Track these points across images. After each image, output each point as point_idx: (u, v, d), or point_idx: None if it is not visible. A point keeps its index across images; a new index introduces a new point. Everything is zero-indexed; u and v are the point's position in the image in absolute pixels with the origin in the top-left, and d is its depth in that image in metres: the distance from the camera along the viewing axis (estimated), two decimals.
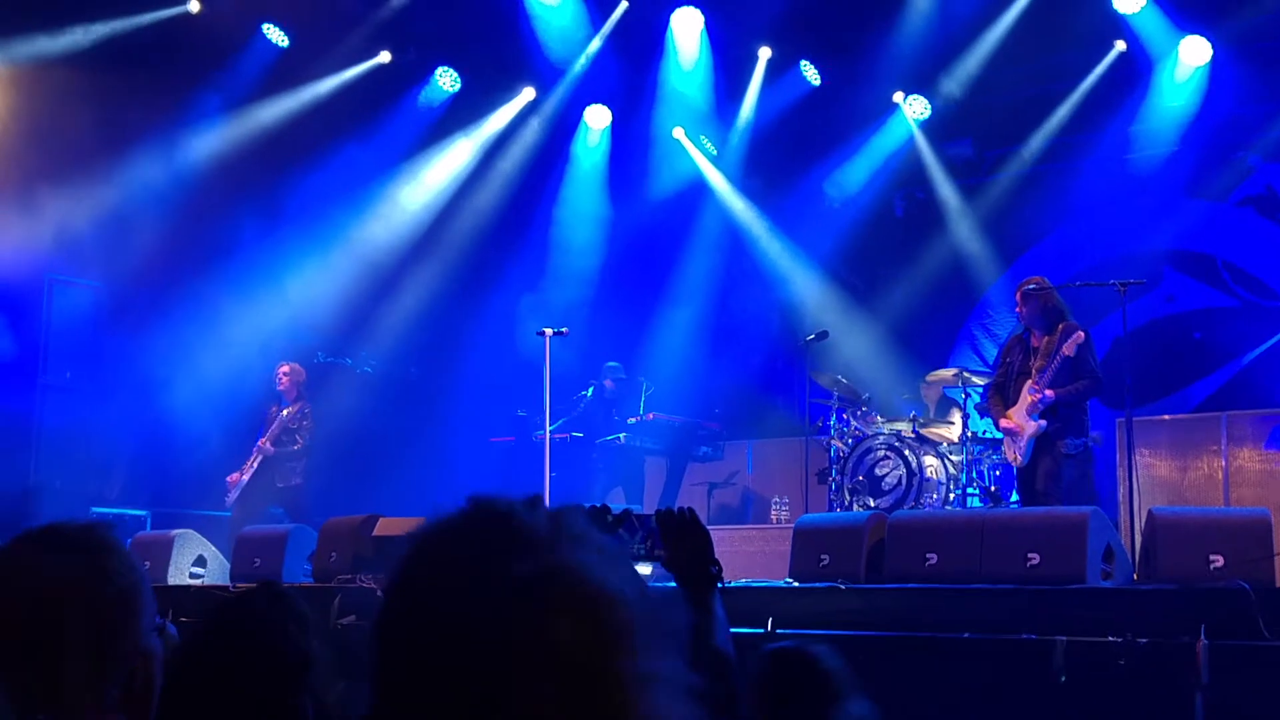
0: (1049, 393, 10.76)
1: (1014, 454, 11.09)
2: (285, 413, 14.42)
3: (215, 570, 12.46)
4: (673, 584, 3.58)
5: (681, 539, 3.59)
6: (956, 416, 13.63)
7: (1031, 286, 11.21)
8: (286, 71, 16.26)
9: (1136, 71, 15.67)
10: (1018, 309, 11.33)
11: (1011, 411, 11.07)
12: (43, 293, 14.97)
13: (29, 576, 2.27)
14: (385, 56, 16.74)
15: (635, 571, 1.55)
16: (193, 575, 12.24)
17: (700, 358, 17.43)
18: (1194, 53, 15.11)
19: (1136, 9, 14.96)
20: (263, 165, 16.15)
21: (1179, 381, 15.54)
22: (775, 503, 14.44)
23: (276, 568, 11.49)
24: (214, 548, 12.65)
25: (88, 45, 14.69)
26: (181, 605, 9.80)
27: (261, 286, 15.91)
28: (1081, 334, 10.81)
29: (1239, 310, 15.61)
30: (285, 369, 14.67)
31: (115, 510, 14.33)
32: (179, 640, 3.07)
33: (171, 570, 12.00)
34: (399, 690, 1.49)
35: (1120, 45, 15.59)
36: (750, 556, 11.79)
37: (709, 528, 3.89)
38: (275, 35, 16.05)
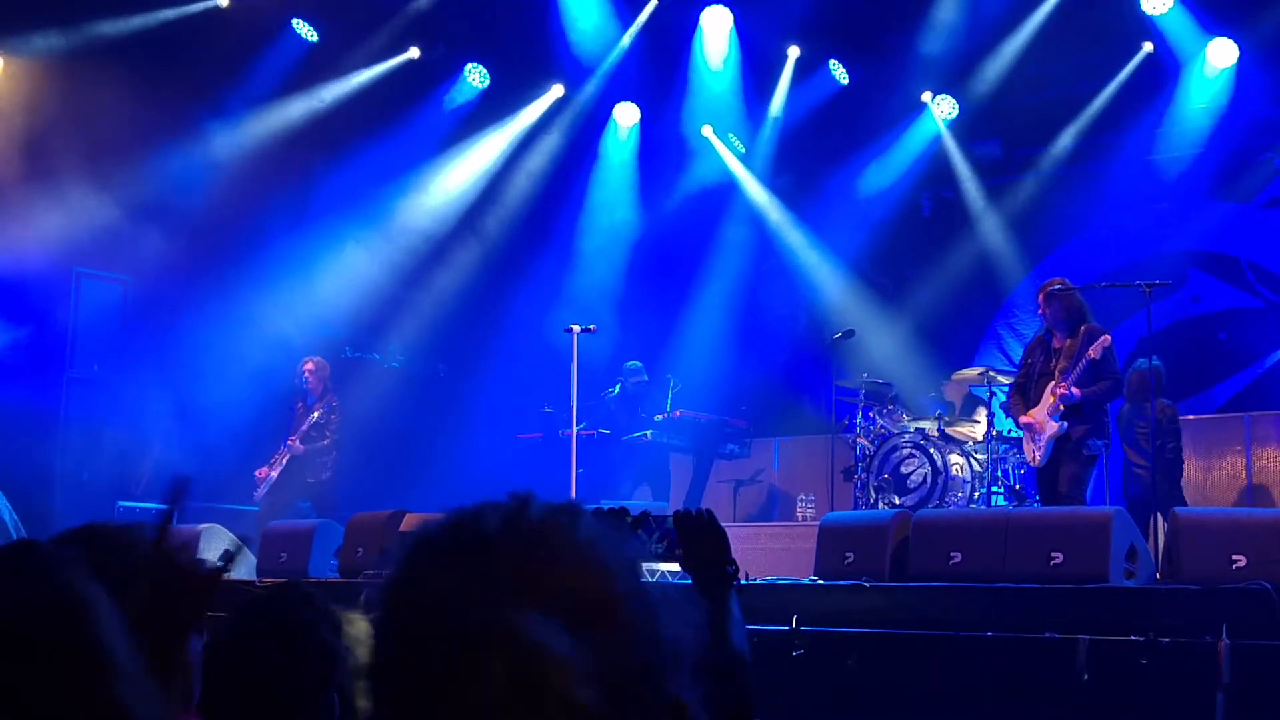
0: (1075, 390, 10.76)
1: (1033, 453, 11.11)
2: (314, 410, 14.43)
3: (241, 564, 12.48)
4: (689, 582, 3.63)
5: (698, 539, 3.64)
6: (982, 415, 13.65)
7: (1055, 288, 11.21)
8: (315, 67, 16.31)
9: (1163, 73, 15.67)
10: (1040, 310, 11.33)
11: (1033, 411, 11.09)
12: (70, 286, 15.03)
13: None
14: (414, 53, 16.79)
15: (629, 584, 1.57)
16: None
17: (727, 355, 17.46)
18: (1221, 54, 15.11)
19: (1164, 10, 14.96)
20: (291, 160, 16.23)
21: (1203, 382, 15.53)
22: (801, 500, 14.48)
23: (303, 563, 11.51)
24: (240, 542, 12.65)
25: (118, 38, 14.73)
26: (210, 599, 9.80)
27: (289, 281, 15.95)
28: (1107, 337, 10.82)
29: (1264, 311, 15.61)
30: (310, 364, 14.69)
31: (141, 504, 14.35)
32: (206, 636, 3.11)
33: None
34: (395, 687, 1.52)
35: (1148, 46, 15.59)
36: (776, 554, 11.82)
37: (735, 525, 3.95)
38: (305, 30, 16.11)
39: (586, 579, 1.52)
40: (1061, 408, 10.83)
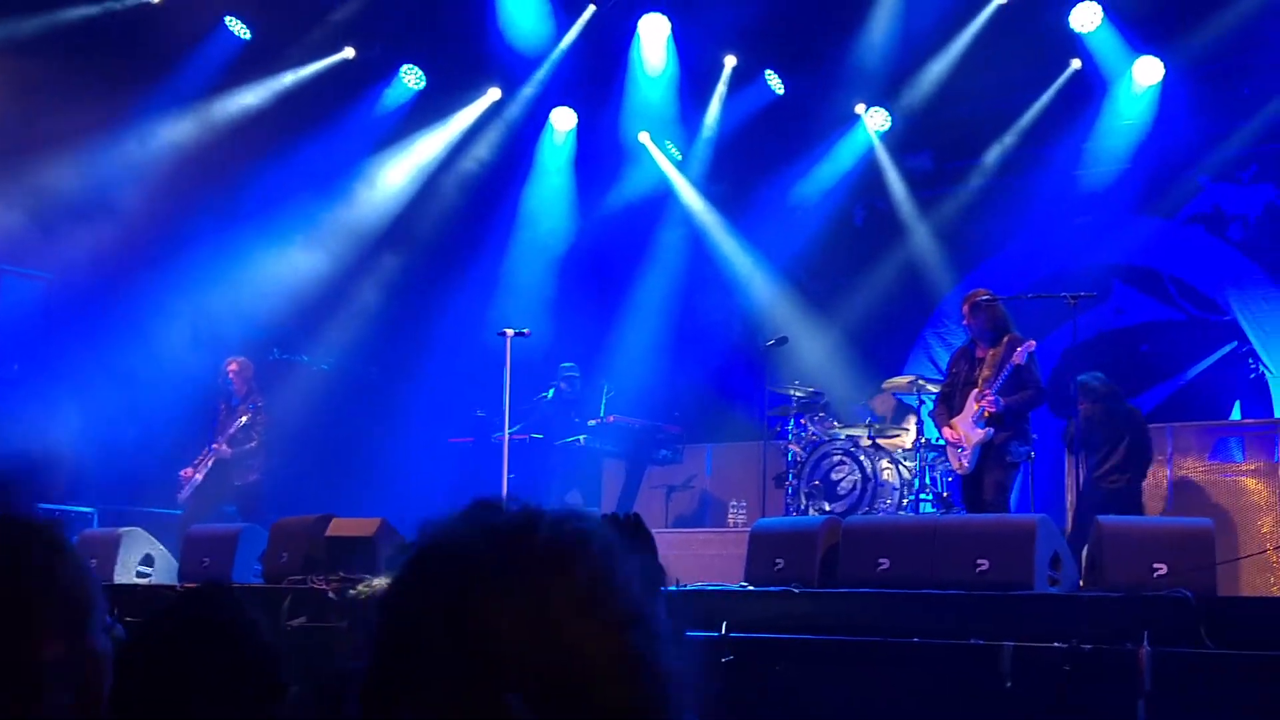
0: (999, 399, 10.90)
1: (959, 462, 11.26)
2: (241, 412, 14.28)
3: (163, 569, 12.31)
4: None
5: (627, 545, 3.65)
6: (911, 423, 13.79)
7: (981, 298, 11.36)
8: (248, 65, 16.20)
9: (1091, 89, 15.89)
10: (964, 320, 11.48)
11: (956, 421, 11.24)
12: None
13: None
14: (349, 52, 16.73)
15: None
16: (140, 574, 12.08)
17: (661, 361, 17.50)
18: (1147, 72, 15.34)
19: (1092, 28, 15.17)
20: (222, 159, 16.07)
21: (1126, 393, 15.68)
22: (733, 506, 14.54)
23: (226, 567, 11.27)
24: (162, 546, 12.51)
25: (46, 33, 14.58)
26: (129, 604, 9.66)
27: (217, 281, 15.80)
28: (1031, 343, 10.99)
29: (1185, 324, 15.84)
30: (234, 364, 14.50)
31: (61, 507, 14.12)
32: (126, 640, 3.06)
33: (118, 568, 11.78)
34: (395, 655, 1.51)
35: (1076, 63, 15.83)
36: (707, 560, 11.88)
37: (667, 531, 3.98)
38: (237, 28, 16.01)
39: (584, 645, 1.47)
40: (987, 414, 10.96)
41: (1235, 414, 14.98)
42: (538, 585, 1.47)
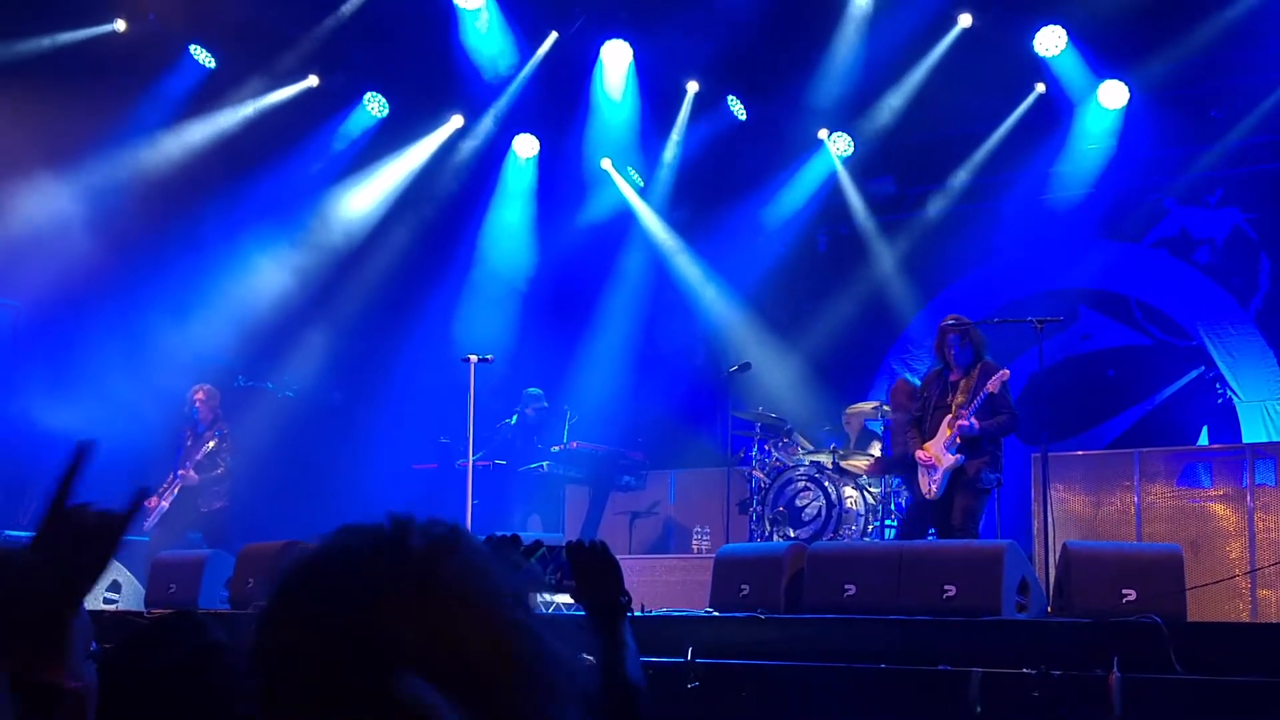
0: (975, 422, 10.87)
1: (928, 486, 11.20)
2: (207, 439, 14.23)
3: (130, 595, 12.31)
4: (583, 613, 3.62)
5: (591, 571, 3.64)
6: (876, 449, 13.77)
7: (954, 323, 11.34)
8: (213, 93, 16.15)
9: (1056, 114, 15.93)
10: (937, 345, 11.43)
11: (928, 444, 11.18)
12: None
13: None
14: (313, 80, 16.69)
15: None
16: (106, 600, 12.07)
17: (624, 387, 17.48)
18: (1112, 96, 15.39)
19: (1056, 52, 15.20)
20: (187, 187, 16.02)
21: (1093, 418, 15.77)
22: (697, 532, 14.49)
23: (192, 593, 11.31)
24: (128, 572, 12.50)
25: (11, 61, 14.53)
26: (96, 630, 9.60)
27: (181, 308, 15.77)
28: (1005, 372, 10.97)
29: (1152, 349, 15.88)
30: (200, 393, 14.48)
31: (30, 534, 14.02)
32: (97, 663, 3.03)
33: None
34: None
35: (1040, 87, 15.85)
36: (671, 586, 11.83)
37: (631, 557, 3.95)
38: (202, 57, 15.96)
39: (472, 624, 1.49)
40: (958, 440, 10.93)
41: (1203, 439, 15.03)
42: (418, 580, 1.50)
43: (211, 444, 14.16)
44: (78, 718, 2.24)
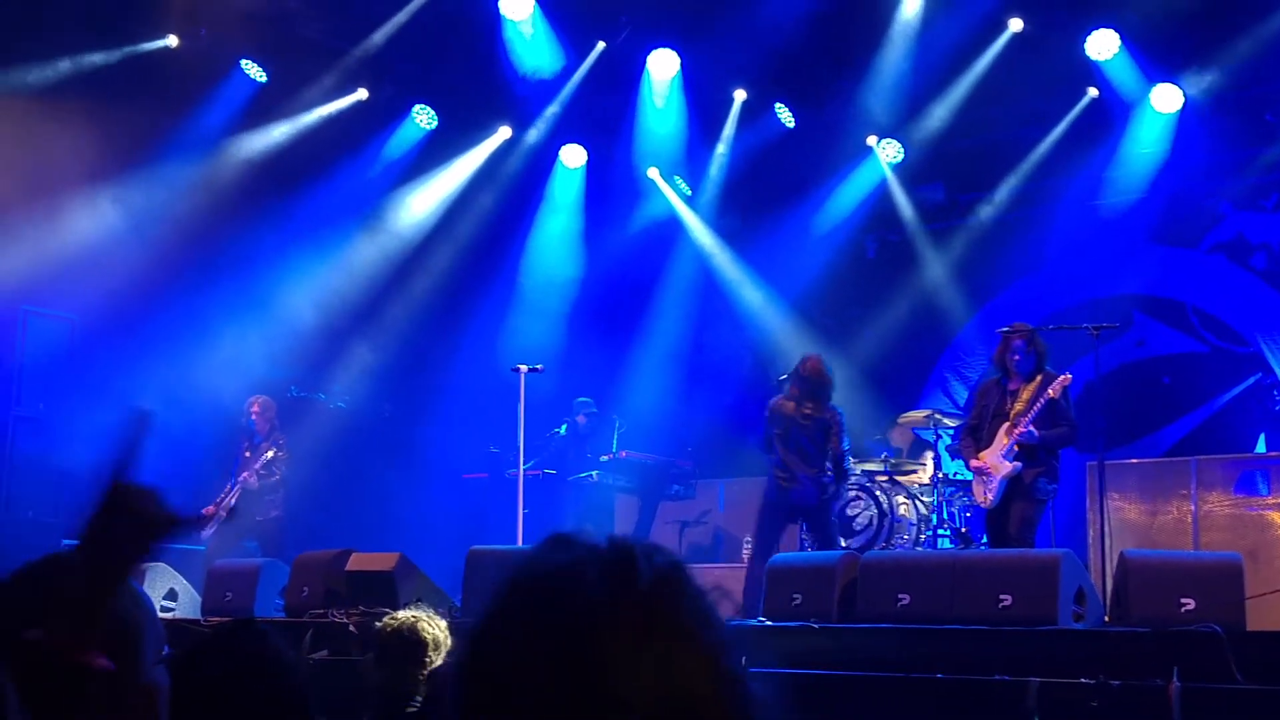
0: (1034, 430, 10.73)
1: (984, 495, 11.09)
2: (265, 448, 14.30)
3: (186, 604, 12.39)
4: None
5: None
6: (928, 458, 13.71)
7: (1020, 330, 11.19)
8: (264, 107, 16.24)
9: (1108, 118, 15.78)
10: (1000, 353, 11.25)
11: (985, 453, 11.07)
12: (18, 324, 14.86)
13: (30, 609, 2.18)
14: (362, 93, 16.75)
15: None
16: (163, 609, 12.14)
17: (673, 396, 17.46)
18: (1165, 100, 15.22)
19: (1109, 56, 15.06)
20: (240, 200, 16.13)
21: (1149, 426, 15.63)
22: (747, 542, 14.44)
23: (248, 602, 11.42)
24: (185, 581, 12.58)
25: (67, 77, 14.66)
26: None
27: (237, 320, 15.86)
28: (1067, 377, 10.83)
29: (1208, 356, 15.73)
30: (256, 404, 14.58)
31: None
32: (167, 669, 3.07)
33: None
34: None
35: (1093, 92, 15.71)
36: (722, 595, 11.80)
37: None
38: (253, 71, 16.04)
39: (692, 668, 1.47)
40: (1016, 449, 10.82)
41: (1260, 446, 14.82)
42: (645, 616, 1.47)
43: (270, 453, 14.24)
44: (151, 717, 2.26)
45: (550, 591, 1.50)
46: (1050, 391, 10.72)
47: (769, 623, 9.31)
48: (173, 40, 15.40)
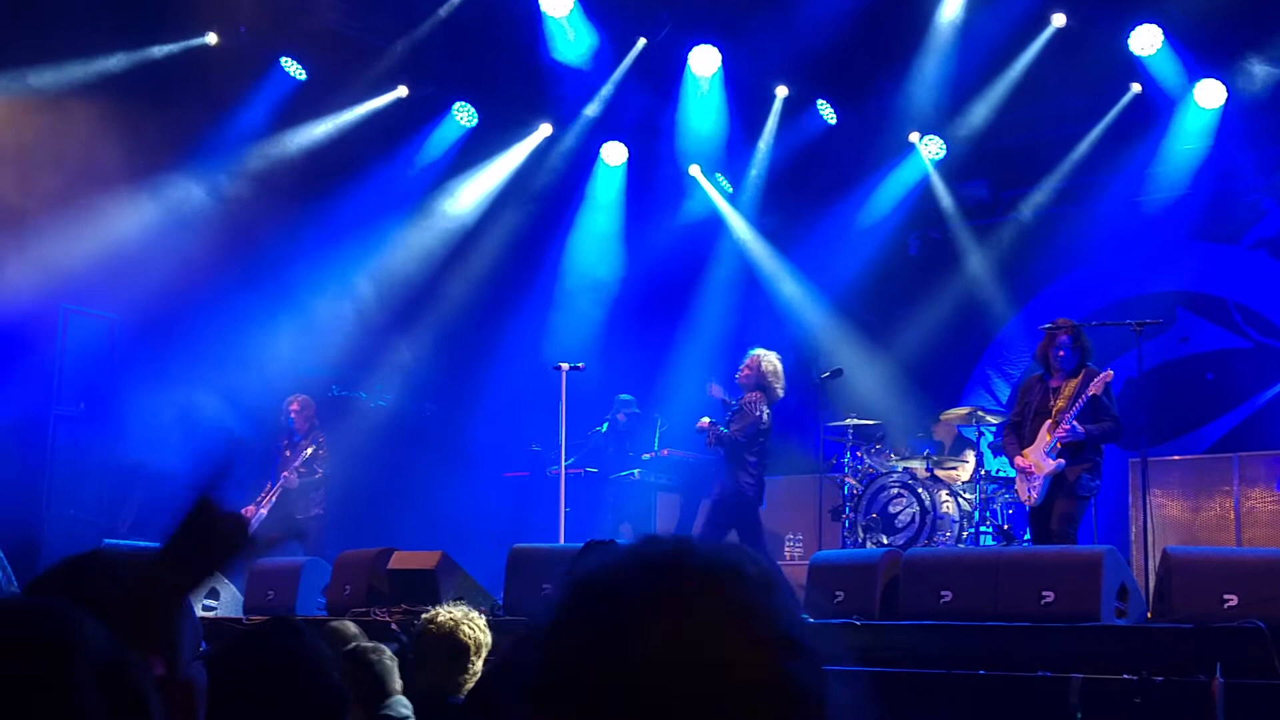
0: (1077, 425, 10.67)
1: (1028, 494, 11.04)
2: (306, 446, 14.36)
3: (228, 602, 12.44)
4: None
5: None
6: (970, 455, 13.66)
7: (1064, 325, 11.13)
8: (304, 105, 16.27)
9: (1151, 114, 15.69)
10: (1043, 348, 11.20)
11: (1028, 450, 11.02)
12: (58, 322, 14.93)
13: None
14: (403, 91, 16.77)
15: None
16: (205, 608, 12.19)
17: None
18: (1209, 96, 15.12)
19: (1152, 52, 14.97)
20: (280, 197, 16.19)
21: (1192, 422, 15.53)
22: (789, 540, 14.46)
23: (290, 600, 11.47)
24: (227, 580, 12.64)
25: (107, 75, 14.72)
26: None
27: (277, 319, 15.89)
28: (1109, 373, 10.78)
29: (1252, 352, 15.62)
30: (296, 403, 14.65)
31: (127, 542, 14.20)
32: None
33: None
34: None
35: (1136, 87, 15.61)
36: None
37: None
38: (293, 69, 16.08)
39: (738, 657, 1.45)
40: (1059, 446, 10.77)
41: None
42: (686, 602, 1.47)
43: (309, 450, 14.29)
44: (189, 713, 2.27)
45: (602, 588, 1.51)
46: (1092, 389, 10.67)
47: (811, 619, 9.29)
48: (212, 38, 15.45)
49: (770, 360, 12.91)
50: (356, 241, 16.82)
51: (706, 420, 12.67)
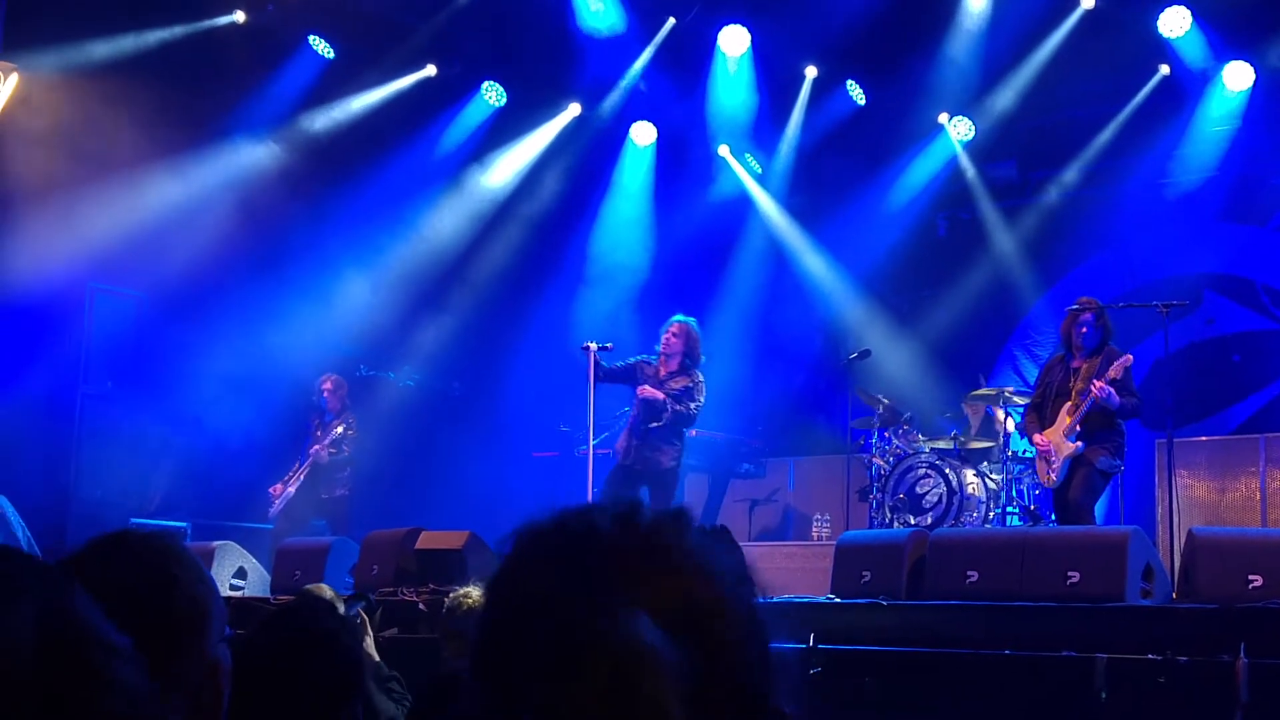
0: (1108, 387, 10.62)
1: (1048, 475, 11.06)
2: (335, 425, 14.39)
3: (255, 582, 12.49)
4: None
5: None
6: (998, 436, 13.66)
7: (1088, 305, 11.14)
8: (333, 83, 16.30)
9: (1179, 96, 15.65)
10: (1067, 326, 11.22)
11: (1048, 431, 11.05)
12: (85, 301, 14.97)
13: (98, 585, 2.26)
14: (431, 70, 16.79)
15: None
16: (233, 587, 12.25)
17: (743, 375, 17.40)
18: (1237, 78, 15.08)
19: (1180, 34, 14.92)
20: (308, 176, 16.23)
21: (1218, 403, 15.49)
22: (816, 520, 14.48)
23: (317, 580, 11.44)
24: (254, 560, 12.70)
25: (134, 54, 14.73)
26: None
27: (305, 298, 15.90)
28: (1129, 357, 10.79)
29: (1278, 334, 15.57)
30: (329, 382, 14.67)
31: (155, 521, 14.24)
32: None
33: None
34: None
35: (1164, 69, 15.57)
36: (792, 573, 11.82)
37: (750, 544, 3.96)
38: (321, 47, 16.11)
39: (695, 585, 1.54)
40: (1078, 428, 10.79)
41: None
42: (646, 552, 1.56)
43: (339, 428, 14.32)
44: (216, 693, 2.30)
45: (560, 531, 1.58)
46: (1111, 372, 10.66)
47: (837, 599, 9.34)
48: (240, 16, 15.48)
49: (696, 327, 13.04)
50: (384, 221, 16.85)
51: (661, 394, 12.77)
